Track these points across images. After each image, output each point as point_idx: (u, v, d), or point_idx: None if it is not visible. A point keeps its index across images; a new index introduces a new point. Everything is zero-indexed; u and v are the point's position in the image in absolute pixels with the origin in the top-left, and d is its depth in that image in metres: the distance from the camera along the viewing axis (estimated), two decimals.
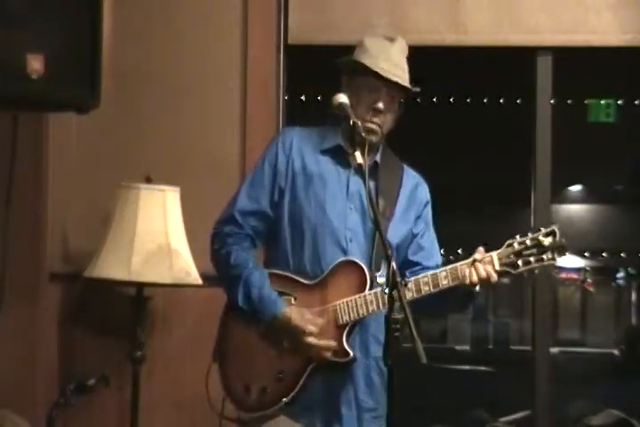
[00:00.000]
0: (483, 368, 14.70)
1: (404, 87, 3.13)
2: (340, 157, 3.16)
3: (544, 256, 3.00)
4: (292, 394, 3.03)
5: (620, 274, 21.86)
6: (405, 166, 3.27)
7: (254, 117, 4.46)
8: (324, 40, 4.48)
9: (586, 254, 19.92)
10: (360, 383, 3.09)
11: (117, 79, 4.19)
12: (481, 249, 3.04)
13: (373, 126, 3.12)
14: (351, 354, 3.03)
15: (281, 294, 3.09)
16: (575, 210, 19.15)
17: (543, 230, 3.02)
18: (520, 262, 3.01)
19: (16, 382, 4.14)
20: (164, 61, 4.51)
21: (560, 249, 3.00)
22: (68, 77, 3.53)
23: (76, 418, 4.28)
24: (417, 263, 3.20)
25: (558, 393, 4.79)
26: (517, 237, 3.03)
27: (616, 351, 18.15)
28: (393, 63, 3.12)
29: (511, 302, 21.63)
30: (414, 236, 3.22)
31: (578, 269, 21.78)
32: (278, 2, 4.51)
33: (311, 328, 3.01)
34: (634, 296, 21.56)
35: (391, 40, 3.17)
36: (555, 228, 3.02)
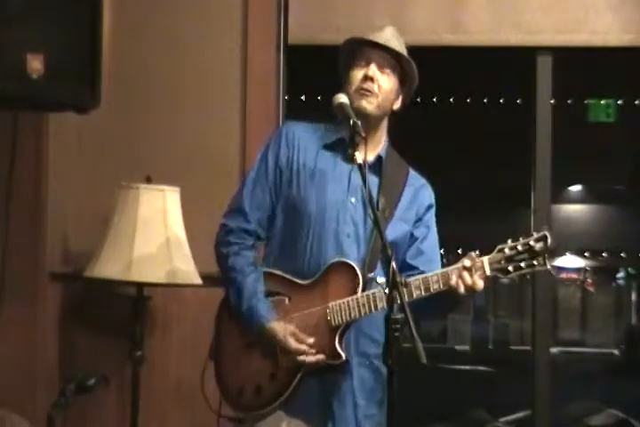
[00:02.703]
0: (483, 368, 14.67)
1: (395, 59, 3.14)
2: (343, 150, 3.14)
3: (534, 262, 2.98)
4: (288, 392, 3.03)
5: (620, 274, 21.84)
6: (410, 169, 3.26)
7: (254, 118, 4.46)
8: (324, 40, 4.47)
9: (586, 254, 19.93)
10: (354, 383, 3.08)
11: (117, 79, 4.20)
12: (472, 254, 3.01)
13: (365, 92, 3.11)
14: (343, 356, 3.02)
15: (275, 293, 3.10)
16: (575, 210, 19.14)
17: (534, 235, 2.99)
18: (511, 268, 2.99)
19: (16, 382, 4.14)
20: (164, 61, 4.51)
21: (551, 254, 2.98)
22: (68, 77, 3.54)
23: (75, 418, 4.28)
24: (415, 267, 3.18)
25: (558, 393, 4.79)
26: (509, 241, 3.00)
27: (616, 351, 18.15)
28: (381, 37, 3.14)
29: (511, 302, 21.63)
30: (414, 239, 3.20)
31: (578, 269, 21.77)
32: (278, 2, 4.51)
33: (298, 347, 3.02)
34: (634, 296, 21.54)
35: (380, 28, 3.20)
36: (546, 233, 2.99)
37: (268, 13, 4.50)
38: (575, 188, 19.34)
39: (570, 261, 20.47)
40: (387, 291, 2.74)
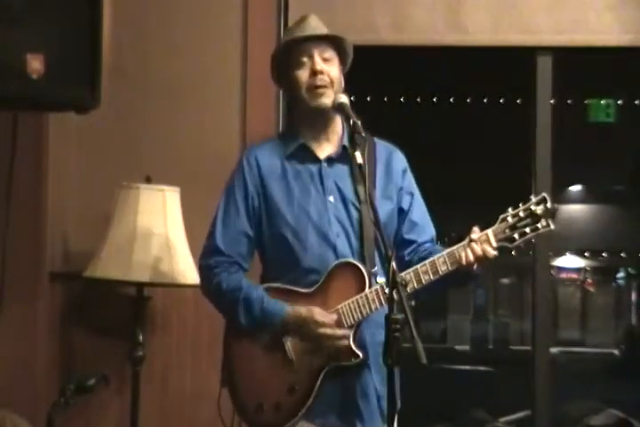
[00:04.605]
0: (483, 368, 14.68)
1: (330, 41, 3.14)
2: (306, 154, 3.15)
3: (539, 225, 3.00)
4: (308, 403, 3.00)
5: (620, 274, 21.86)
6: (376, 139, 3.22)
7: (254, 118, 4.46)
8: None
9: (586, 254, 19.96)
10: (374, 374, 3.05)
11: (117, 79, 4.19)
12: (476, 229, 3.01)
13: (320, 90, 3.08)
14: (360, 356, 3.00)
15: None
16: (575, 210, 19.16)
17: (533, 199, 3.02)
18: (516, 235, 3.00)
19: (16, 382, 4.14)
20: (164, 61, 4.51)
21: (553, 214, 3.00)
22: (68, 77, 3.53)
23: (75, 418, 4.28)
24: (412, 241, 3.17)
25: (558, 393, 4.79)
26: (509, 210, 3.02)
27: (616, 351, 18.17)
28: (310, 28, 3.16)
29: (511, 302, 21.64)
30: (404, 212, 3.18)
31: (578, 269, 21.79)
32: (278, 2, 4.51)
33: (322, 318, 2.99)
34: (634, 296, 21.56)
35: (302, 19, 3.21)
36: (544, 195, 3.03)
37: (267, 13, 4.50)
38: (575, 188, 19.36)
39: (570, 261, 20.50)
40: (387, 291, 2.74)
